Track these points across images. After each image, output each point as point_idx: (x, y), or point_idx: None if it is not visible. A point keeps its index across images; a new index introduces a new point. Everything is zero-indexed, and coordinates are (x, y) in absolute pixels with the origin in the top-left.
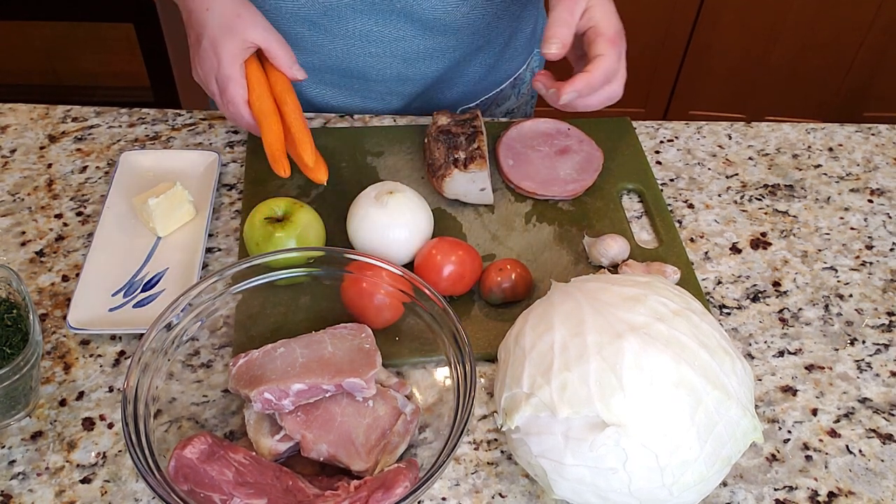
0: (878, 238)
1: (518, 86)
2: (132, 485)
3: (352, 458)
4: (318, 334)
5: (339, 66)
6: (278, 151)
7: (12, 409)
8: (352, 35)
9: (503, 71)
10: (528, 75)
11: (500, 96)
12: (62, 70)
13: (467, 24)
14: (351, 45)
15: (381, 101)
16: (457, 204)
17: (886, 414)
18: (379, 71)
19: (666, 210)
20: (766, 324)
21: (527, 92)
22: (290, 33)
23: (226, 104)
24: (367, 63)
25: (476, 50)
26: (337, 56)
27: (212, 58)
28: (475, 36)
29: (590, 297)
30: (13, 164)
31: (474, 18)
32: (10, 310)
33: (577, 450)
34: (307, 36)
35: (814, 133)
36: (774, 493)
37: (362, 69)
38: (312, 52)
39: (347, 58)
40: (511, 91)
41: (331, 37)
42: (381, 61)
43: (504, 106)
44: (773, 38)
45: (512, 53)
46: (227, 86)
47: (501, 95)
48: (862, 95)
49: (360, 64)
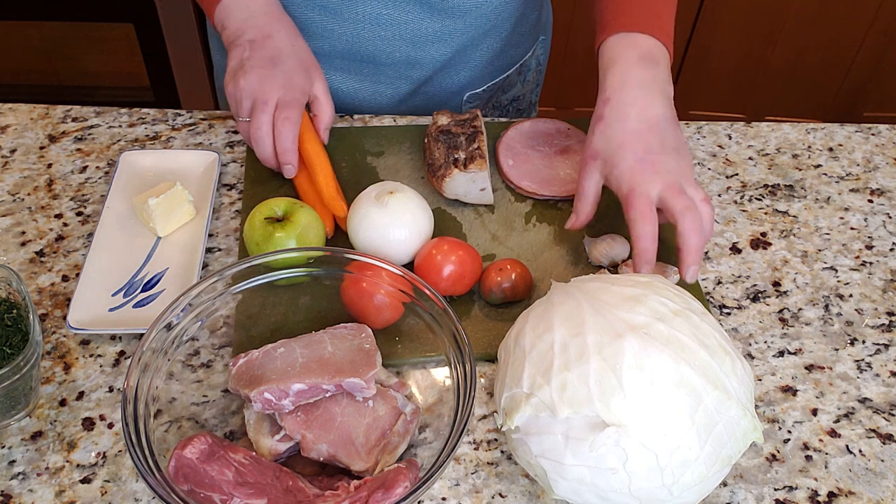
0: (878, 238)
1: (524, 73)
2: (132, 485)
3: (352, 458)
4: (318, 334)
5: (349, 50)
6: (335, 190)
7: (12, 409)
8: (362, 19)
9: (509, 56)
10: (534, 62)
11: (507, 83)
12: (62, 70)
13: (475, 6)
14: (361, 29)
15: (390, 85)
16: (457, 204)
17: (886, 414)
18: (388, 54)
19: None
20: (766, 324)
21: (532, 80)
22: (301, 18)
23: (257, 126)
24: (377, 46)
25: (483, 34)
26: (347, 40)
27: (275, 86)
28: (483, 19)
29: (590, 297)
30: (13, 164)
31: (482, 1)
32: (10, 310)
33: (577, 450)
34: (318, 20)
35: (814, 133)
36: (774, 493)
37: (372, 53)
38: (322, 38)
39: (357, 42)
40: (517, 78)
41: (341, 20)
42: (391, 44)
43: (510, 93)
44: (773, 38)
45: (518, 39)
46: (283, 124)
47: (507, 82)
48: (862, 95)
49: (370, 48)
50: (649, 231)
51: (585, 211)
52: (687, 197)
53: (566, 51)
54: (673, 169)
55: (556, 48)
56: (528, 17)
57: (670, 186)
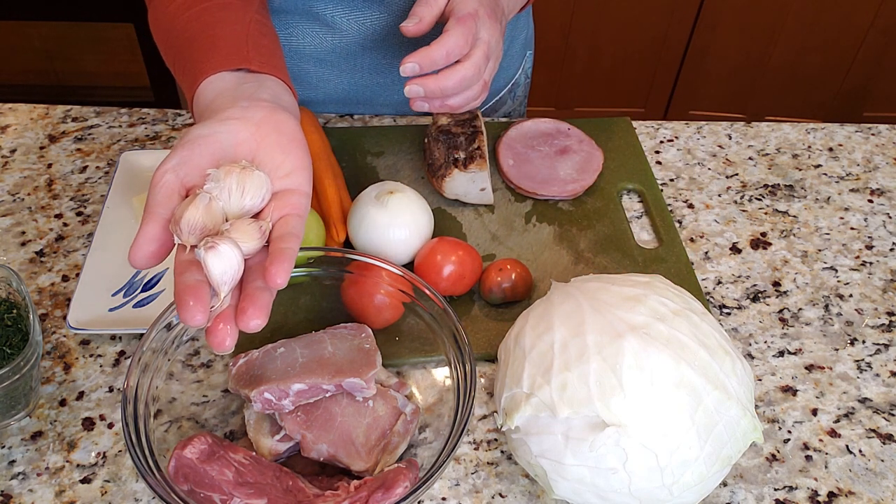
0: (878, 238)
1: (514, 90)
2: (132, 485)
3: (352, 458)
4: (318, 334)
5: (344, 97)
6: (339, 212)
7: (12, 409)
8: (360, 69)
9: (501, 79)
10: (523, 77)
11: (498, 103)
12: (62, 70)
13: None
14: (359, 78)
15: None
16: (457, 204)
17: (886, 414)
18: (386, 97)
19: (666, 210)
20: (766, 324)
21: (521, 94)
22: (294, 69)
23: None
24: (375, 92)
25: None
26: (343, 89)
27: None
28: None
29: (590, 297)
30: (13, 164)
31: None
32: (10, 310)
33: (577, 450)
34: (313, 72)
35: (814, 133)
36: (774, 493)
37: (370, 97)
38: (317, 88)
39: (354, 89)
40: (508, 96)
41: (338, 72)
42: (389, 89)
43: (501, 110)
44: (773, 38)
45: (509, 61)
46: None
47: (499, 102)
48: (862, 95)
49: (368, 93)
50: (452, 45)
51: (427, 20)
52: (476, 48)
53: (566, 51)
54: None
55: (556, 48)
56: (517, 37)
57: (469, 35)
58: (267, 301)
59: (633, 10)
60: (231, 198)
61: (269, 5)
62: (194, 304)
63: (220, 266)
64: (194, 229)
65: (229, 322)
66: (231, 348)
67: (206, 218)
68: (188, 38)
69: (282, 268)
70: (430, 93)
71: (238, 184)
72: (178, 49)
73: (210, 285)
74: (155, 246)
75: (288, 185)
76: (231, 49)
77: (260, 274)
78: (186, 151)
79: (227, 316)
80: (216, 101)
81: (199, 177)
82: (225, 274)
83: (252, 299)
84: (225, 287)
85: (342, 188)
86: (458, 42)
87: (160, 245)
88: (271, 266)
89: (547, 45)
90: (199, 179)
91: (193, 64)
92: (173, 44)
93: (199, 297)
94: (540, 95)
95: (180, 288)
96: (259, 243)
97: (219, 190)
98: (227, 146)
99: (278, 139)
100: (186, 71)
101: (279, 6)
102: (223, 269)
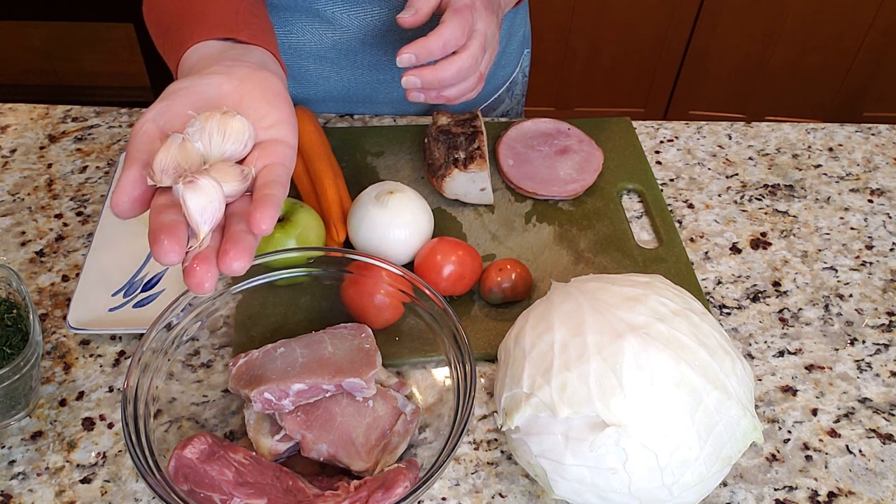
0: (878, 238)
1: (511, 88)
2: (132, 485)
3: (352, 458)
4: (318, 334)
5: (344, 95)
6: (339, 212)
7: (12, 409)
8: (360, 66)
9: (500, 77)
10: (520, 76)
11: (496, 101)
12: (62, 70)
13: None
14: (359, 76)
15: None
16: (457, 204)
17: (886, 414)
18: (386, 94)
19: (666, 210)
20: (766, 324)
21: (518, 93)
22: (294, 68)
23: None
24: (375, 89)
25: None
26: (343, 86)
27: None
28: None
29: (590, 297)
30: (13, 164)
31: None
32: (10, 310)
33: (577, 450)
34: (313, 69)
35: (814, 133)
36: (774, 493)
37: (370, 94)
38: (317, 85)
39: (354, 86)
40: (506, 95)
41: (338, 69)
42: (389, 86)
43: (499, 109)
44: (773, 38)
45: (507, 59)
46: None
47: (497, 100)
48: (862, 95)
49: (368, 90)
50: (449, 36)
51: (424, 12)
52: (473, 40)
53: (566, 51)
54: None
55: (556, 48)
56: (515, 36)
57: (466, 27)
58: (251, 244)
59: (633, 10)
60: (212, 142)
61: (269, 3)
62: (169, 241)
63: (200, 202)
64: (167, 168)
65: (209, 263)
66: (210, 291)
67: (181, 157)
68: (177, 13)
69: (266, 213)
70: (426, 83)
71: (219, 128)
72: (166, 26)
73: (188, 226)
74: (138, 190)
75: (273, 135)
76: (219, 21)
77: (243, 219)
78: (167, 102)
79: (206, 257)
80: (199, 64)
81: (180, 125)
82: (205, 211)
83: (235, 241)
84: (205, 226)
85: (342, 188)
86: (454, 33)
87: (143, 190)
88: (255, 211)
89: (547, 45)
90: (180, 127)
91: (181, 35)
92: (162, 20)
93: (173, 234)
94: (540, 95)
95: (154, 227)
96: (241, 186)
97: (199, 134)
98: (208, 97)
99: (263, 93)
100: (173, 44)
101: (279, 3)
102: (202, 205)
